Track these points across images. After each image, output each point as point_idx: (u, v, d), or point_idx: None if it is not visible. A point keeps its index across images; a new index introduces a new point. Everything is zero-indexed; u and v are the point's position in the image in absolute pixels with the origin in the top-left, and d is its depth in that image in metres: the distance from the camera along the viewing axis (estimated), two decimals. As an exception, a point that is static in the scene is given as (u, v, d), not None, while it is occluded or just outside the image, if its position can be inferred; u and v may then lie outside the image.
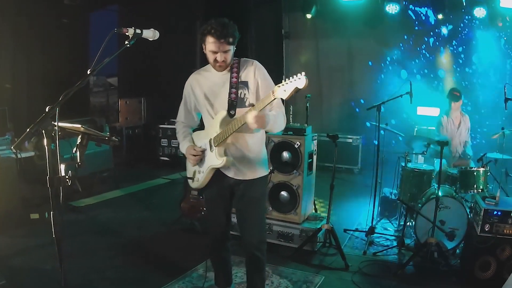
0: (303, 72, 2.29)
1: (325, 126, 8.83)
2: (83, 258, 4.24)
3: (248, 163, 2.91)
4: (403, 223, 4.71)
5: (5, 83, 7.30)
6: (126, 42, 2.23)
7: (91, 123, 8.02)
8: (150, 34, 2.32)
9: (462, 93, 5.60)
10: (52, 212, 2.03)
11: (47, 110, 1.98)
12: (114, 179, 7.21)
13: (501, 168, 5.24)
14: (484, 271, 3.71)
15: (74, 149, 2.67)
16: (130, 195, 6.80)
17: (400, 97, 4.93)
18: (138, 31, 2.25)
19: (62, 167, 2.10)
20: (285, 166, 4.58)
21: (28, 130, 1.95)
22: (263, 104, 2.50)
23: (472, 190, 4.55)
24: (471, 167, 4.67)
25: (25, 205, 5.33)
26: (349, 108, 9.18)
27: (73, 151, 2.57)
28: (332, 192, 4.43)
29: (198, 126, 3.21)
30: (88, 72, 2.13)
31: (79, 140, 2.59)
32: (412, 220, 4.61)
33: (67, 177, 2.08)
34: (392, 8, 7.81)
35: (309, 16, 8.63)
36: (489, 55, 7.68)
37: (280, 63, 9.57)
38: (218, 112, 2.85)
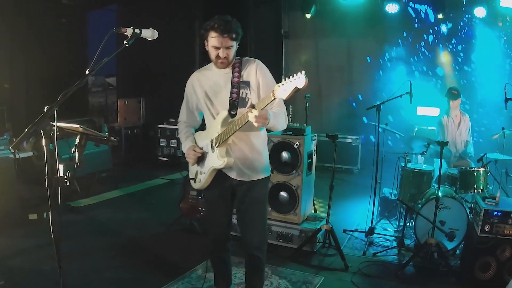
0: (303, 71, 2.26)
1: (325, 126, 8.83)
2: (82, 259, 4.23)
3: (250, 164, 2.88)
4: (403, 224, 4.70)
5: (4, 83, 7.29)
6: (125, 42, 2.23)
7: (90, 123, 8.01)
8: (149, 34, 2.32)
9: (461, 92, 5.59)
10: (51, 213, 2.02)
11: (46, 110, 1.98)
12: (113, 180, 7.19)
13: (501, 169, 5.23)
14: (484, 272, 3.70)
15: (73, 149, 2.66)
16: (129, 196, 6.78)
17: (400, 97, 4.92)
18: (137, 31, 2.25)
19: (61, 167, 2.08)
20: (285, 166, 4.57)
21: (27, 130, 1.94)
22: (263, 104, 2.47)
23: (472, 191, 4.53)
24: (471, 167, 4.66)
25: (24, 206, 5.32)
26: (349, 108, 9.18)
27: (72, 151, 2.55)
28: (332, 193, 4.41)
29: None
30: (87, 72, 2.13)
31: (78, 140, 2.57)
32: (412, 221, 4.60)
33: (66, 178, 2.07)
34: (392, 8, 7.82)
35: (309, 16, 8.65)
36: (489, 55, 7.69)
37: (280, 63, 9.57)
38: (220, 112, 2.82)
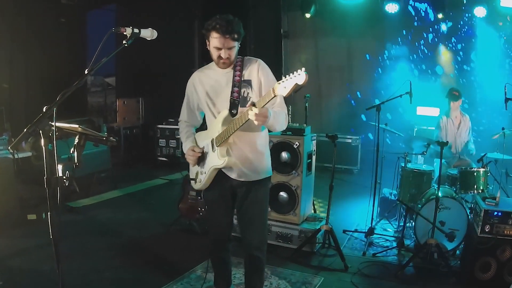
0: (303, 68, 2.24)
1: (324, 126, 8.82)
2: (81, 259, 4.21)
3: (251, 164, 2.86)
4: (403, 224, 4.70)
5: (3, 83, 7.27)
6: (124, 42, 2.21)
7: (89, 123, 7.99)
8: (148, 34, 2.31)
9: (461, 92, 5.57)
10: (50, 213, 2.01)
11: (45, 110, 1.96)
12: (112, 180, 7.18)
13: (501, 169, 5.23)
14: (485, 272, 3.69)
15: (72, 150, 2.64)
16: (128, 196, 6.77)
17: (400, 97, 4.91)
18: (136, 31, 2.23)
19: (60, 168, 2.06)
20: (284, 167, 4.57)
21: (25, 130, 1.93)
22: (264, 102, 2.44)
23: (472, 191, 4.53)
24: (471, 168, 4.66)
25: (22, 206, 5.31)
26: (348, 108, 9.17)
27: (71, 152, 2.53)
28: (331, 193, 4.41)
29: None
30: (86, 72, 2.12)
31: (77, 141, 2.55)
32: (412, 221, 4.60)
33: (65, 178, 2.05)
34: (392, 8, 7.82)
35: (308, 16, 8.65)
36: (489, 54, 7.68)
37: (279, 63, 9.57)
38: (220, 112, 2.81)
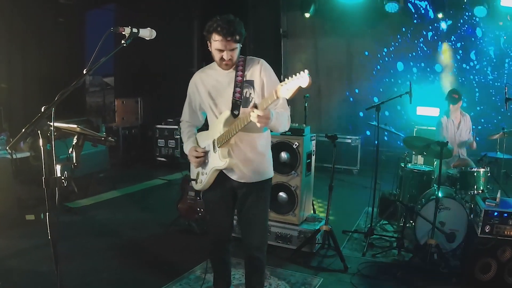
0: (306, 70, 2.21)
1: (324, 126, 8.82)
2: (80, 260, 4.20)
3: (253, 165, 2.84)
4: (403, 225, 4.68)
5: (1, 83, 7.25)
6: (123, 42, 2.20)
7: (87, 123, 7.98)
8: (147, 34, 2.29)
9: (460, 92, 5.52)
10: (48, 213, 2.01)
11: (43, 110, 1.96)
12: (111, 180, 7.17)
13: (502, 169, 5.22)
14: (485, 273, 3.68)
15: (70, 150, 2.62)
16: (127, 196, 6.76)
17: (400, 97, 4.90)
18: (135, 30, 2.22)
19: (58, 168, 2.05)
20: (283, 167, 4.55)
21: (24, 131, 1.93)
22: (266, 104, 2.42)
23: (472, 191, 4.52)
24: (471, 168, 4.65)
25: (21, 206, 5.29)
26: (348, 108, 9.16)
27: (69, 152, 2.51)
28: (331, 193, 4.39)
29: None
30: (84, 72, 2.11)
31: (75, 141, 2.53)
32: (412, 222, 4.58)
33: (63, 178, 2.05)
34: (392, 7, 7.81)
35: (308, 15, 8.65)
36: (488, 53, 7.68)
37: (278, 63, 9.56)
38: (222, 112, 2.79)
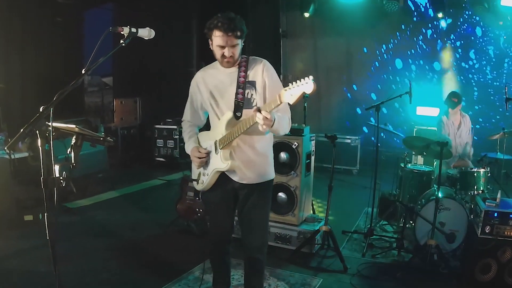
0: (311, 76, 2.20)
1: (323, 127, 8.80)
2: (78, 260, 4.19)
3: (254, 167, 2.83)
4: (403, 225, 4.67)
5: (-1, 83, 7.22)
6: (121, 41, 2.20)
7: (86, 123, 7.98)
8: (146, 33, 2.29)
9: (460, 95, 5.48)
10: (46, 214, 2.00)
11: (41, 110, 1.95)
12: (109, 180, 7.13)
13: (502, 169, 5.21)
14: (485, 274, 3.67)
15: (69, 150, 2.61)
16: (126, 196, 6.73)
17: (399, 97, 4.89)
18: (134, 30, 2.22)
19: (56, 168, 2.06)
20: (283, 167, 4.53)
21: (22, 131, 1.92)
22: (269, 108, 2.40)
23: (472, 191, 4.51)
24: (471, 168, 4.65)
25: (19, 207, 5.27)
26: (346, 106, 9.15)
27: (68, 152, 2.51)
28: (331, 193, 4.38)
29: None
30: (83, 72, 2.10)
31: (74, 141, 2.53)
32: (412, 222, 4.57)
33: (62, 178, 2.05)
34: (392, 7, 7.80)
35: (307, 15, 8.64)
36: (487, 53, 7.67)
37: (278, 63, 9.54)
38: (224, 113, 2.77)
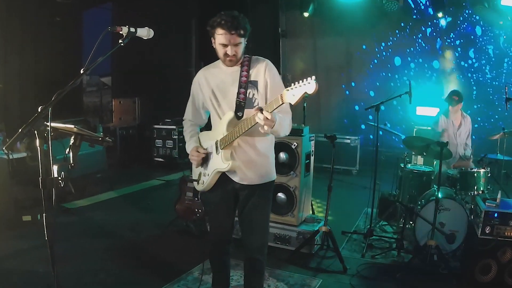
0: (313, 77, 2.19)
1: (323, 126, 8.79)
2: (77, 261, 4.18)
3: (255, 168, 2.81)
4: (402, 225, 4.67)
5: (-3, 83, 7.20)
6: (120, 41, 2.20)
7: (84, 124, 7.95)
8: (145, 33, 2.28)
9: (461, 93, 5.47)
10: (45, 214, 2.00)
11: (40, 110, 1.95)
12: (108, 180, 7.12)
13: (502, 170, 5.21)
14: (485, 274, 3.67)
15: (67, 150, 2.60)
16: (124, 197, 6.72)
17: (399, 97, 4.88)
18: (132, 30, 2.22)
19: (55, 168, 2.05)
20: (282, 167, 4.52)
21: (20, 131, 1.92)
22: (271, 108, 2.39)
23: (473, 192, 4.50)
24: (471, 168, 4.64)
25: (17, 207, 5.24)
26: (345, 103, 9.13)
27: (66, 152, 2.50)
28: (330, 194, 4.38)
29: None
30: (81, 71, 2.10)
31: (72, 141, 2.52)
32: (412, 222, 4.57)
33: (60, 179, 2.05)
34: (391, 7, 7.80)
35: (306, 15, 8.64)
36: (487, 52, 7.67)
37: (277, 62, 9.54)
38: (226, 113, 2.75)
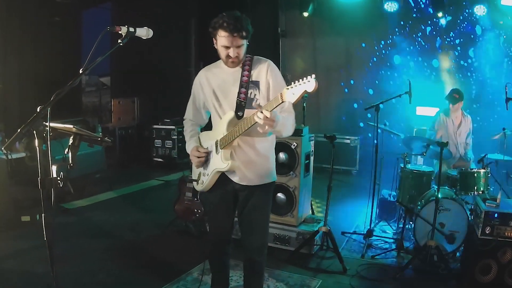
0: (313, 75, 2.19)
1: (323, 127, 8.78)
2: (76, 261, 4.17)
3: (255, 169, 2.79)
4: (402, 226, 4.66)
5: (-4, 82, 7.19)
6: (119, 41, 2.19)
7: (83, 124, 7.94)
8: (144, 33, 2.28)
9: (462, 92, 5.44)
10: (44, 214, 2.00)
11: (39, 110, 1.95)
12: (107, 181, 7.11)
13: (502, 170, 5.20)
14: (485, 275, 3.67)
15: (66, 150, 2.59)
16: (123, 197, 6.71)
17: (399, 97, 4.87)
18: (132, 30, 2.21)
19: (54, 168, 2.04)
20: (282, 167, 4.51)
21: (19, 131, 1.92)
22: (271, 107, 2.38)
23: (473, 192, 4.50)
24: (472, 169, 4.63)
25: (16, 207, 5.25)
26: (347, 108, 9.13)
27: (65, 152, 2.49)
28: (330, 194, 4.37)
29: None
30: (81, 71, 2.10)
31: (71, 141, 2.51)
32: (411, 223, 4.56)
33: (59, 179, 2.04)
34: (391, 6, 7.80)
35: (306, 15, 8.63)
36: (487, 52, 7.65)
37: (277, 62, 9.48)
38: (226, 113, 2.75)
